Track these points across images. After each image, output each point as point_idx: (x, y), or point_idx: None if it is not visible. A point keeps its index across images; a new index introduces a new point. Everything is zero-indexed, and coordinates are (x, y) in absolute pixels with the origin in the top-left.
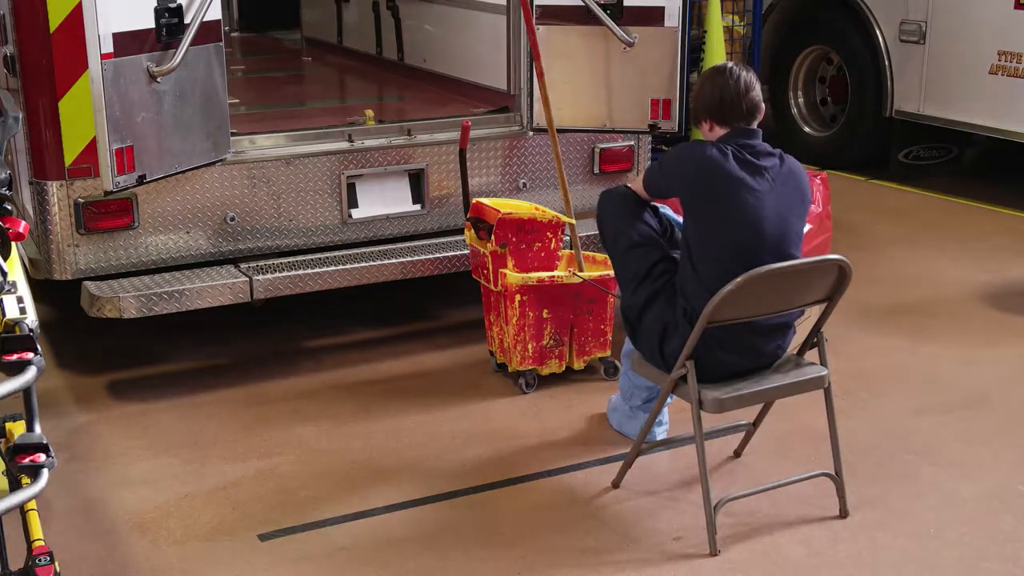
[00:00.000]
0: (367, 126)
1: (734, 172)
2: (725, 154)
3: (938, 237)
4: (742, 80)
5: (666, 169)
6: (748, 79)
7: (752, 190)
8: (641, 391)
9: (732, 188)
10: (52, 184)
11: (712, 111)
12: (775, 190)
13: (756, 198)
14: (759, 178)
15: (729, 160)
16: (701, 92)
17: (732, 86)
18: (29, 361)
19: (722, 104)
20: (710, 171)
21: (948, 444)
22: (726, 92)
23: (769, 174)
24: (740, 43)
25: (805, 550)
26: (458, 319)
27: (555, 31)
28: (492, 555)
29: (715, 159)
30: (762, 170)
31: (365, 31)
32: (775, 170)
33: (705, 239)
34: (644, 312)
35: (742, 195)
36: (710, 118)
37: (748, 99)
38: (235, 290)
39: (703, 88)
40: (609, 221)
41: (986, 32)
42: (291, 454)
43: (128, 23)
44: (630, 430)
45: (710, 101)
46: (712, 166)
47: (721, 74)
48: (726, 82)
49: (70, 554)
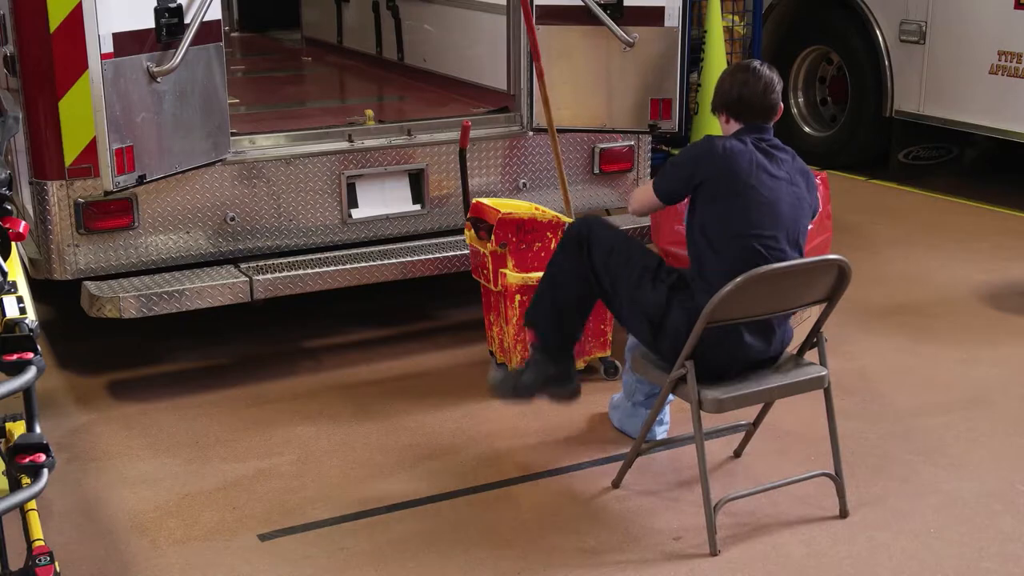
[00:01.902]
0: (367, 126)
1: (756, 157)
2: (745, 143)
3: (938, 237)
4: (763, 79)
5: (683, 165)
6: (770, 80)
7: (772, 175)
8: (643, 386)
9: (755, 170)
10: (52, 184)
11: (730, 105)
12: (792, 181)
13: (775, 182)
14: (776, 166)
15: (749, 146)
16: (723, 86)
17: (753, 84)
18: (29, 361)
19: (741, 100)
20: (735, 154)
21: (948, 444)
22: (746, 89)
23: (785, 166)
24: (740, 43)
25: (805, 550)
26: (458, 319)
27: (555, 31)
28: (492, 555)
29: (737, 146)
30: (779, 160)
31: (365, 31)
32: (789, 164)
33: (728, 216)
34: (668, 311)
35: (763, 177)
36: (727, 112)
37: (768, 99)
38: (235, 290)
39: (726, 82)
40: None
41: (986, 32)
42: (291, 454)
43: (128, 23)
44: (631, 428)
45: (730, 95)
46: (736, 150)
47: (745, 71)
48: (747, 79)
49: (70, 554)
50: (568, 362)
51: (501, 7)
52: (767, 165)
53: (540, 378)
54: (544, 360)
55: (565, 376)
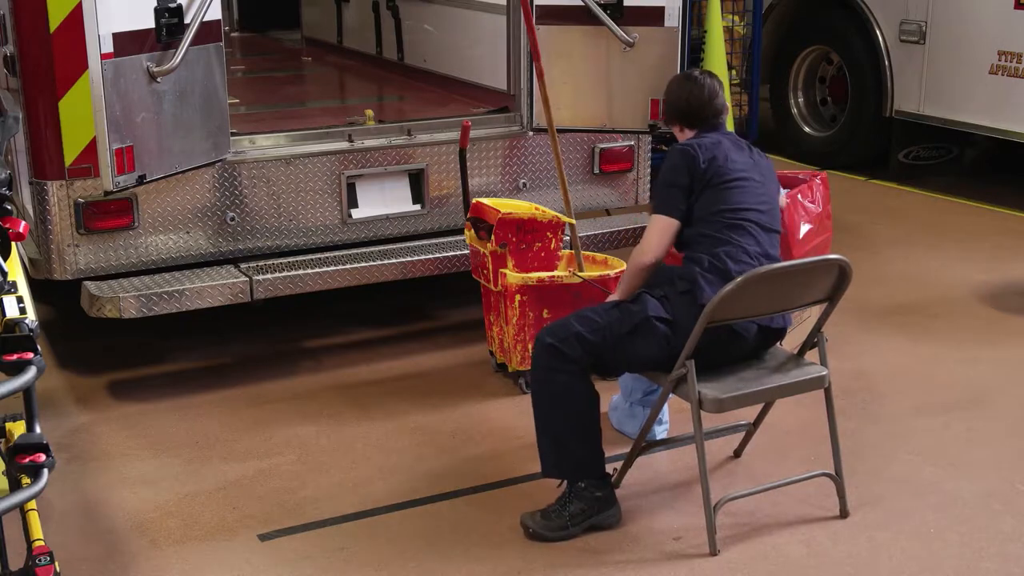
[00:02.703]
0: (367, 126)
1: (726, 146)
2: (710, 136)
3: (938, 237)
4: (707, 86)
5: (670, 179)
6: (712, 85)
7: (742, 160)
8: (640, 383)
9: (730, 157)
10: (52, 184)
11: (682, 115)
12: (757, 164)
13: (745, 164)
14: (742, 153)
15: (716, 136)
16: (671, 98)
17: (698, 92)
18: (29, 361)
19: (690, 109)
20: (709, 147)
21: (948, 444)
22: (693, 99)
23: (747, 153)
24: (740, 43)
25: (805, 550)
26: (458, 319)
27: (555, 31)
28: (492, 555)
29: (707, 142)
30: (743, 148)
31: (365, 31)
32: (748, 151)
33: (714, 199)
34: (673, 326)
35: (737, 160)
36: (679, 122)
37: (715, 104)
38: (235, 290)
39: (672, 94)
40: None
41: (986, 32)
42: (291, 454)
43: (128, 23)
44: (630, 429)
45: (679, 106)
46: (708, 143)
47: (688, 80)
48: (692, 88)
49: (70, 554)
50: (607, 488)
51: (501, 7)
52: (735, 153)
53: (589, 503)
54: (586, 488)
55: (609, 500)
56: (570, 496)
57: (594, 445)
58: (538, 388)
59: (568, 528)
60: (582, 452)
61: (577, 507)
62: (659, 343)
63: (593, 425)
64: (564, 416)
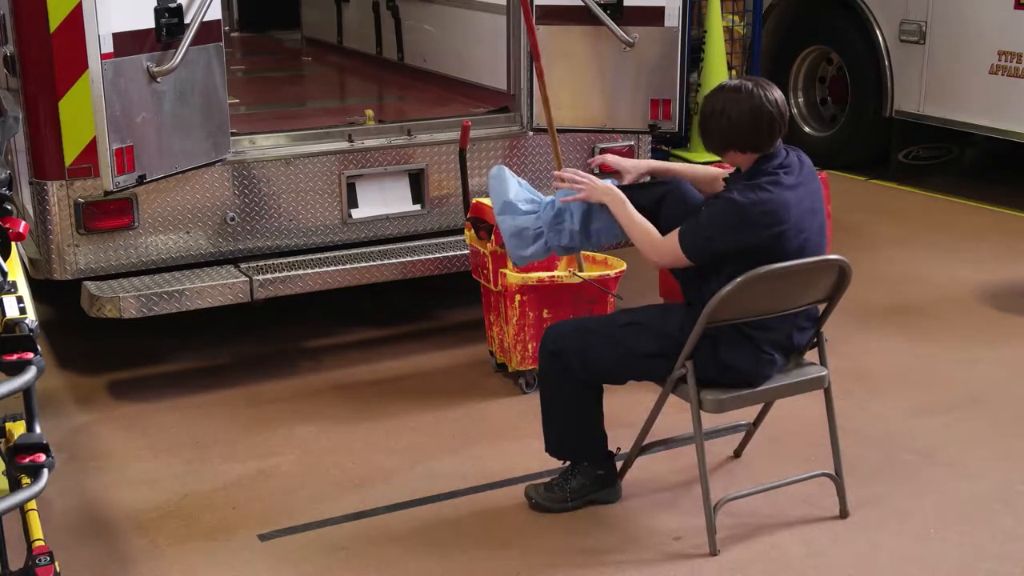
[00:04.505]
0: (367, 126)
1: (791, 200)
2: (780, 183)
3: (938, 237)
4: (777, 100)
5: (719, 229)
6: (778, 97)
7: (798, 206)
8: (525, 193)
9: (790, 215)
10: (52, 184)
11: (745, 142)
12: (807, 186)
13: (799, 208)
14: (796, 190)
15: (784, 188)
16: (730, 121)
17: (768, 108)
18: (29, 361)
19: (758, 130)
20: (779, 213)
21: (948, 444)
22: (762, 117)
23: (797, 175)
24: (740, 43)
25: (805, 550)
26: (458, 319)
27: (555, 31)
28: (492, 555)
29: (781, 200)
30: (794, 173)
31: (365, 31)
32: (796, 168)
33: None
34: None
35: (796, 214)
36: (739, 149)
37: (785, 121)
38: (235, 290)
39: (731, 115)
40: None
41: (986, 32)
42: (291, 454)
43: (128, 23)
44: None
45: (741, 130)
46: (777, 206)
47: (750, 96)
48: (762, 104)
49: (70, 554)
50: (610, 466)
51: (501, 7)
52: (792, 199)
53: (589, 480)
54: (589, 466)
55: (611, 479)
56: (573, 472)
57: (597, 431)
58: (544, 379)
59: (568, 502)
60: (585, 438)
61: (578, 483)
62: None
63: (597, 414)
64: (568, 406)
